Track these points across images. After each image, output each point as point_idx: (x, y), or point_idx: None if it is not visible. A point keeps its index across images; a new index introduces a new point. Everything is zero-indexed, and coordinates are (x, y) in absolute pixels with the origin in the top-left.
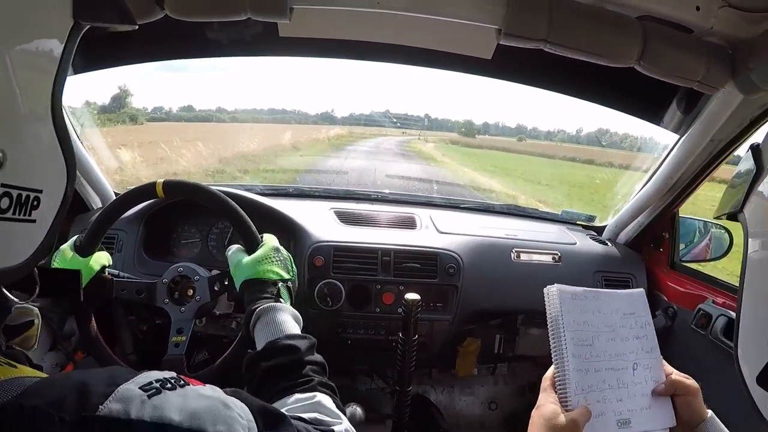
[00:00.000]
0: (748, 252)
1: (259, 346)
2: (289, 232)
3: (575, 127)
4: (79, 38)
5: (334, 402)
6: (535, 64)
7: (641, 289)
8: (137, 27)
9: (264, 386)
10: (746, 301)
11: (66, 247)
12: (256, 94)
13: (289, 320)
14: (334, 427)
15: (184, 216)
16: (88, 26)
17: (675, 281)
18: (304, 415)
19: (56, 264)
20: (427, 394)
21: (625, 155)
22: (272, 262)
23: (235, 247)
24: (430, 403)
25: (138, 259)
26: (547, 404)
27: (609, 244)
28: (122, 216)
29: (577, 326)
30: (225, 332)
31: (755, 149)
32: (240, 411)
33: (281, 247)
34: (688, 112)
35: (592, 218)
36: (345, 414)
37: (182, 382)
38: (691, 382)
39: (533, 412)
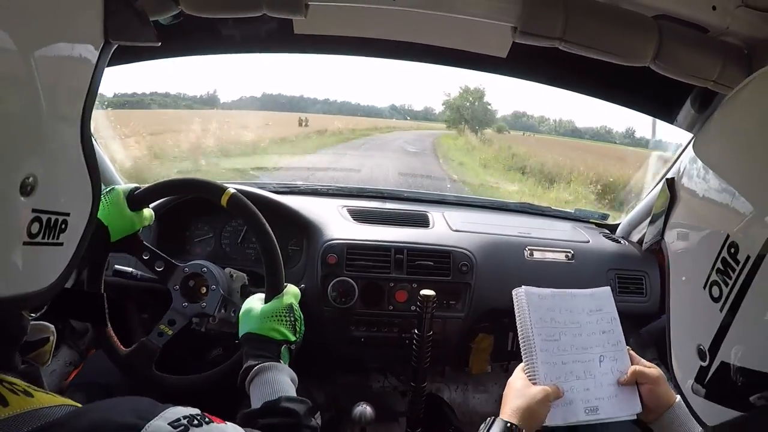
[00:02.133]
0: (670, 278)
1: (254, 403)
2: (302, 229)
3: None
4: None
5: None
6: (549, 63)
7: (607, 287)
8: (159, 45)
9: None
10: (672, 317)
11: (120, 191)
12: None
13: (287, 382)
14: None
15: (197, 213)
16: (117, 45)
17: None
18: None
19: (104, 203)
20: (440, 392)
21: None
22: (282, 321)
23: (256, 296)
24: (443, 402)
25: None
26: (518, 377)
27: (622, 242)
28: (157, 201)
29: (543, 323)
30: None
31: (670, 182)
32: None
33: (296, 306)
34: (702, 111)
35: (605, 216)
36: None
37: (207, 419)
38: (652, 370)
39: (507, 384)
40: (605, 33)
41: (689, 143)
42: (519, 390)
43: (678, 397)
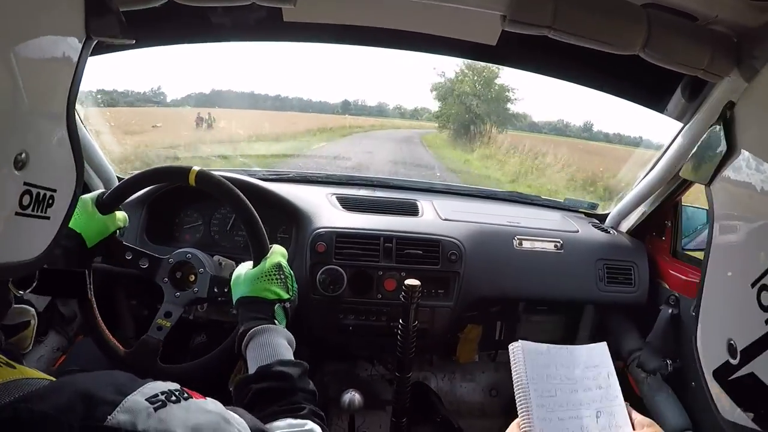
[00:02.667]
0: (713, 238)
1: (251, 368)
2: (291, 217)
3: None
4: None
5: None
6: (539, 51)
7: (604, 343)
8: (134, 41)
9: (254, 409)
10: (707, 293)
11: (88, 198)
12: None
13: (282, 344)
14: None
15: (186, 201)
16: (96, 41)
17: (677, 269)
18: None
19: (75, 214)
20: (427, 381)
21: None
22: (272, 280)
23: (244, 263)
24: (430, 390)
25: (141, 243)
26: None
27: (611, 232)
28: (125, 200)
29: (540, 379)
30: (226, 318)
31: (729, 119)
32: (240, 427)
33: (284, 263)
34: (692, 100)
35: (594, 206)
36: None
37: (186, 395)
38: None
39: None
40: (594, 21)
41: (680, 132)
42: None
43: None
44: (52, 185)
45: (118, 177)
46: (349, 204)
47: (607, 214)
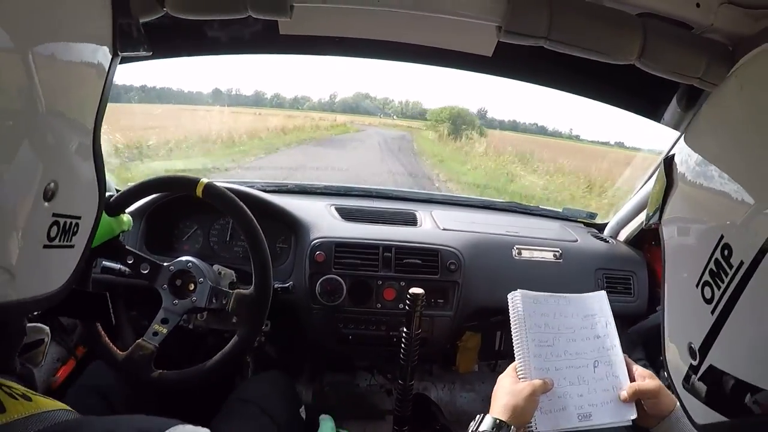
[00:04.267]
0: (665, 268)
1: None
2: (290, 227)
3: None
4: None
5: None
6: (535, 61)
7: (603, 291)
8: (151, 53)
9: None
10: (667, 308)
11: None
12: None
13: None
14: None
15: (185, 211)
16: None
17: None
18: None
19: None
20: (427, 391)
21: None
22: None
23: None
24: (430, 401)
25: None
26: (507, 374)
27: (610, 241)
28: (131, 205)
29: (538, 328)
30: (226, 326)
31: (668, 162)
32: None
33: None
34: (689, 109)
35: (593, 216)
36: None
37: None
38: (650, 384)
39: (497, 381)
40: (590, 31)
41: (681, 135)
42: (507, 387)
43: (677, 403)
44: (77, 213)
45: (116, 189)
46: (348, 214)
47: (605, 224)
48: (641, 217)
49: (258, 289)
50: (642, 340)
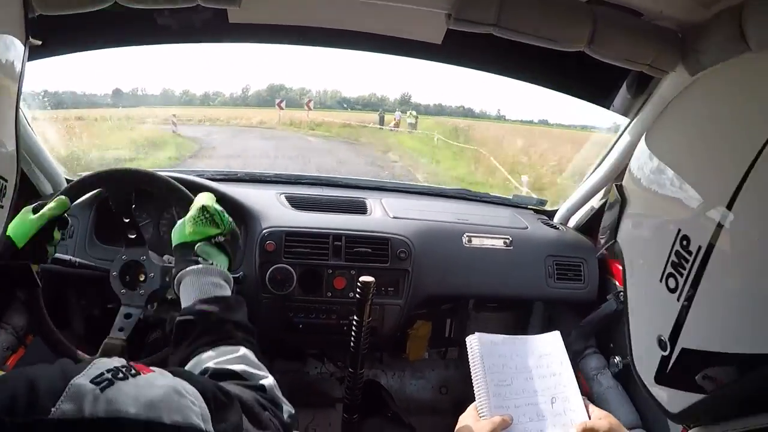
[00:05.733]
0: (626, 278)
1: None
2: (240, 217)
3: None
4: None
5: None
6: (485, 49)
7: (557, 332)
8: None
9: (185, 342)
10: (631, 312)
11: (25, 210)
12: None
13: (208, 281)
14: (263, 381)
15: (136, 201)
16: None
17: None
18: (234, 367)
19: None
20: (377, 379)
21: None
22: (196, 222)
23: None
24: (381, 388)
25: (89, 243)
26: (469, 414)
27: (561, 228)
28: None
29: (496, 369)
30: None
31: (619, 187)
32: (193, 398)
33: (210, 204)
34: (638, 96)
35: (543, 202)
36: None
37: (133, 370)
38: (603, 423)
39: (459, 420)
40: (539, 19)
41: (626, 127)
42: (468, 426)
43: None
44: (5, 175)
45: (66, 179)
46: (298, 203)
47: (555, 211)
48: (591, 203)
49: None
50: (593, 331)
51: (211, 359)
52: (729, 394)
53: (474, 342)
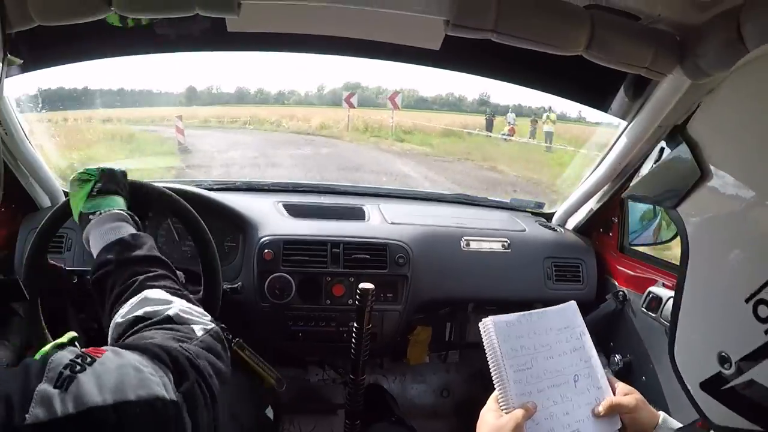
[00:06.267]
0: (688, 264)
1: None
2: (238, 226)
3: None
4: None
5: (164, 290)
6: (483, 54)
7: (573, 302)
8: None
9: (103, 305)
10: (687, 305)
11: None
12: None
13: (103, 231)
14: (169, 312)
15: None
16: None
17: (625, 265)
18: (137, 313)
19: None
20: (379, 384)
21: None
22: (73, 195)
23: None
24: (385, 392)
25: (88, 256)
26: (489, 408)
27: (558, 230)
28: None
29: (514, 353)
30: None
31: (689, 138)
32: (150, 369)
33: (74, 173)
34: (636, 99)
35: (540, 205)
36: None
37: (89, 358)
38: (630, 399)
39: (480, 416)
40: (537, 24)
41: (624, 130)
42: (490, 423)
43: (662, 415)
44: None
45: (63, 191)
46: (296, 211)
47: (553, 213)
48: (589, 205)
49: (207, 293)
50: (594, 331)
51: (120, 316)
52: None
53: (489, 327)
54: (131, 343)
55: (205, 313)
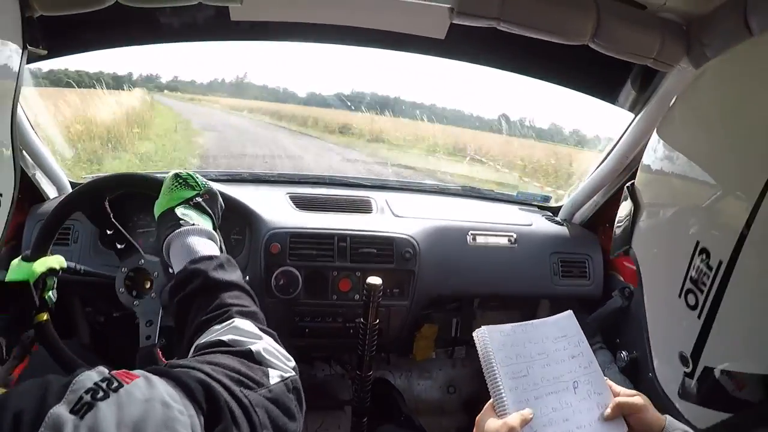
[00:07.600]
0: (643, 286)
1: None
2: (245, 219)
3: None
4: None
5: (254, 325)
6: (488, 43)
7: (569, 312)
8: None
9: (185, 321)
10: (650, 323)
11: (14, 260)
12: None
13: (193, 242)
14: (251, 346)
15: (139, 205)
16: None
17: (631, 261)
18: (223, 338)
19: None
20: (385, 378)
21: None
22: (173, 189)
23: None
24: (392, 387)
25: (94, 249)
26: (486, 414)
27: (564, 224)
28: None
29: (509, 361)
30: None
31: (631, 189)
32: (180, 406)
33: (182, 171)
34: (643, 91)
35: (547, 198)
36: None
37: (114, 384)
38: (635, 399)
39: (475, 423)
40: (542, 12)
41: (631, 123)
42: (485, 430)
43: (668, 418)
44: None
45: (70, 182)
46: (303, 203)
47: (560, 207)
48: (595, 199)
49: None
50: (600, 327)
51: (203, 338)
52: (754, 415)
53: (483, 335)
54: (172, 367)
55: (290, 357)
